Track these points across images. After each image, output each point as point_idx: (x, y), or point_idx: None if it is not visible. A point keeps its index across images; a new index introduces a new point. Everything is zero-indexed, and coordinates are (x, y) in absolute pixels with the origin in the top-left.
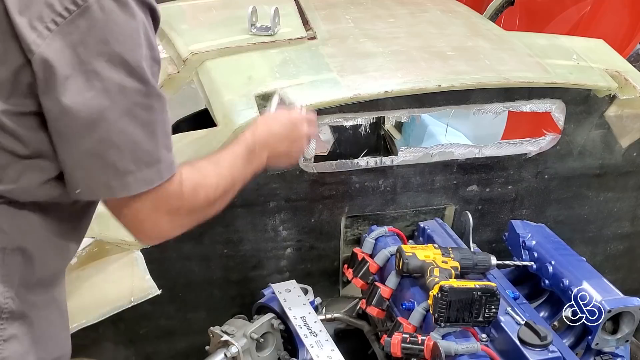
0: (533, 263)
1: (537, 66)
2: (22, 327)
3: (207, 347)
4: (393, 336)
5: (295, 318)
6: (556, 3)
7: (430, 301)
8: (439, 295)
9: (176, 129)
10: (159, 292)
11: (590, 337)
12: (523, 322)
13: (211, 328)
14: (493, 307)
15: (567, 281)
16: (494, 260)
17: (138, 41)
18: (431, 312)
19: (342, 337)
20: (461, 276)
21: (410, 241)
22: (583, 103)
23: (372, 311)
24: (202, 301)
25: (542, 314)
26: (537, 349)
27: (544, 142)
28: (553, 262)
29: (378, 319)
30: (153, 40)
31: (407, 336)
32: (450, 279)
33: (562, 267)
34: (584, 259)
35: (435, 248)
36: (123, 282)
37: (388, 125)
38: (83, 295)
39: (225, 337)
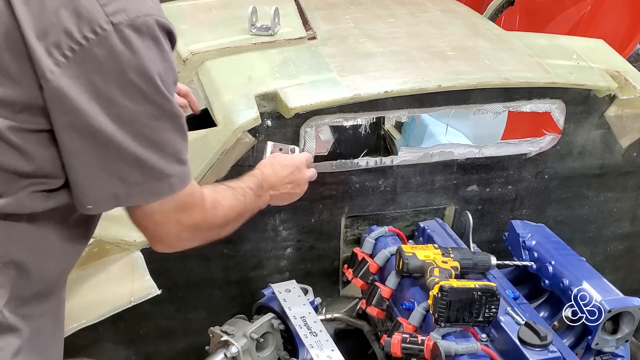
0: (533, 263)
1: (537, 66)
2: (10, 339)
3: (207, 347)
4: (393, 336)
5: (295, 318)
6: (556, 3)
7: (430, 301)
8: (439, 295)
9: None
10: (159, 292)
11: (590, 337)
12: (523, 322)
13: (211, 328)
14: (493, 307)
15: (567, 281)
16: (494, 260)
17: (156, 67)
18: (431, 312)
19: (342, 337)
20: (461, 276)
21: (410, 241)
22: (583, 103)
23: (372, 311)
24: (202, 301)
25: (542, 314)
26: (537, 349)
27: (544, 142)
28: (553, 262)
29: (378, 319)
30: (171, 62)
31: (407, 336)
32: (450, 279)
33: (562, 267)
34: (584, 259)
35: (435, 248)
36: (123, 282)
37: (388, 125)
38: (83, 295)
39: (225, 337)
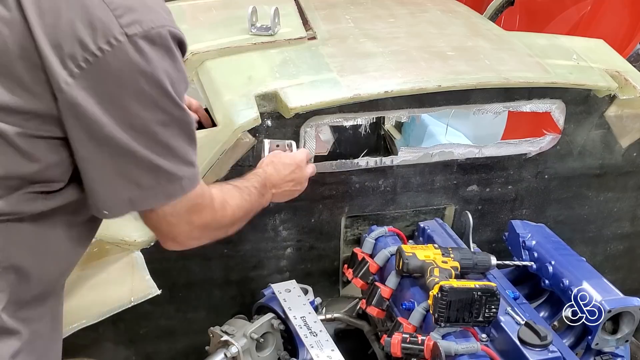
0: (533, 263)
1: (537, 66)
2: (9, 342)
3: (207, 347)
4: (393, 336)
5: (295, 318)
6: (556, 3)
7: (430, 301)
8: (439, 295)
9: None
10: (159, 292)
11: (590, 337)
12: (523, 322)
13: (211, 328)
14: (493, 307)
15: (567, 281)
16: (494, 260)
17: (168, 77)
18: (431, 312)
19: (342, 337)
20: (461, 276)
21: (410, 241)
22: (583, 103)
23: (372, 311)
24: (202, 301)
25: (542, 314)
26: (537, 349)
27: (544, 142)
28: (553, 262)
29: (378, 319)
30: (183, 71)
31: (407, 336)
32: (450, 279)
33: (562, 267)
34: (584, 259)
35: (435, 248)
36: (123, 282)
37: (388, 125)
38: (83, 295)
39: (225, 337)
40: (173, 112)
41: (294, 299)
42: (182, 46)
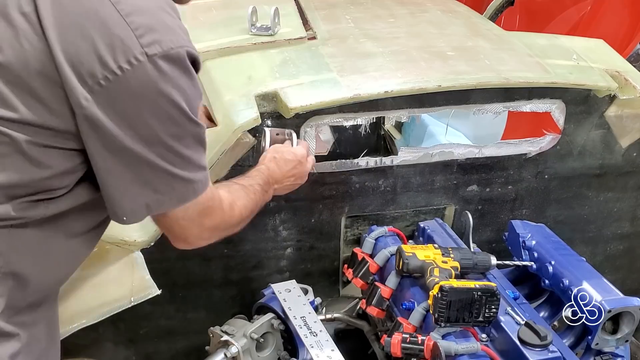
0: (533, 263)
1: (537, 66)
2: (8, 344)
3: (207, 347)
4: (393, 336)
5: (295, 318)
6: (556, 3)
7: (430, 301)
8: (439, 295)
9: None
10: (159, 292)
11: (590, 337)
12: (523, 322)
13: (211, 328)
14: (493, 307)
15: (567, 281)
16: (494, 260)
17: (184, 95)
18: (431, 312)
19: (342, 337)
20: (461, 276)
21: (410, 241)
22: (583, 103)
23: (372, 311)
24: (202, 301)
25: (542, 314)
26: (537, 349)
27: (544, 142)
28: (553, 262)
29: (378, 319)
30: (199, 88)
31: (407, 336)
32: (450, 279)
33: (562, 267)
34: (584, 259)
35: (435, 248)
36: (123, 282)
37: (388, 125)
38: (83, 295)
39: (225, 337)
40: (187, 127)
41: (294, 299)
42: (197, 64)
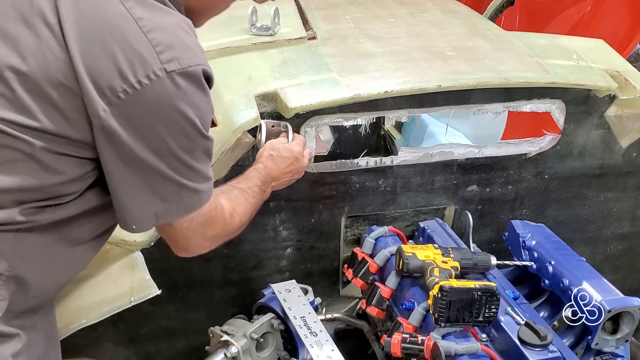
0: (533, 263)
1: (537, 66)
2: (10, 344)
3: (207, 347)
4: (393, 336)
5: (295, 318)
6: (556, 3)
7: (430, 301)
8: (439, 295)
9: None
10: (159, 292)
11: (590, 337)
12: (523, 322)
13: (211, 328)
14: (493, 307)
15: (567, 281)
16: (494, 260)
17: (198, 111)
18: (431, 312)
19: (342, 337)
20: (461, 276)
21: (410, 241)
22: (583, 103)
23: (372, 311)
24: (202, 301)
25: (542, 314)
26: (537, 349)
27: (544, 142)
28: (553, 262)
29: (378, 319)
30: (211, 104)
31: (407, 336)
32: (450, 279)
33: (562, 267)
34: (584, 259)
35: (435, 248)
36: (123, 282)
37: (388, 125)
38: (83, 295)
39: (225, 337)
40: (198, 141)
41: (294, 299)
42: (211, 82)
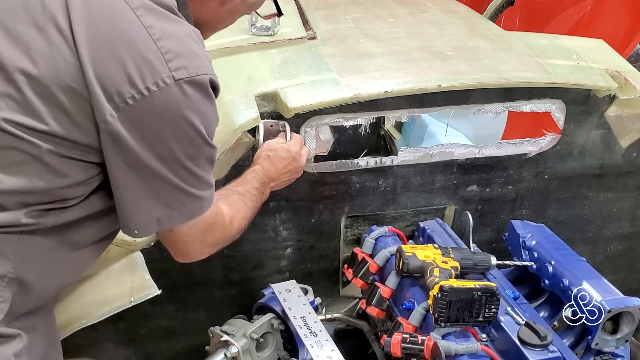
0: (533, 263)
1: (537, 66)
2: (11, 344)
3: (207, 347)
4: (393, 336)
5: (295, 318)
6: (556, 3)
7: (430, 301)
8: (439, 295)
9: None
10: (159, 292)
11: (590, 337)
12: (523, 322)
13: (211, 328)
14: (493, 307)
15: (567, 281)
16: (494, 260)
17: (204, 119)
18: (431, 312)
19: (342, 337)
20: (461, 276)
21: (410, 241)
22: (583, 103)
23: (372, 311)
24: (202, 301)
25: (542, 314)
26: (537, 349)
27: (544, 142)
28: (553, 262)
29: (378, 319)
30: (217, 113)
31: (407, 336)
32: (450, 279)
33: (562, 267)
34: (584, 259)
35: (435, 248)
36: (123, 282)
37: (388, 125)
38: (83, 295)
39: (225, 337)
40: (203, 149)
41: (294, 299)
42: (217, 91)
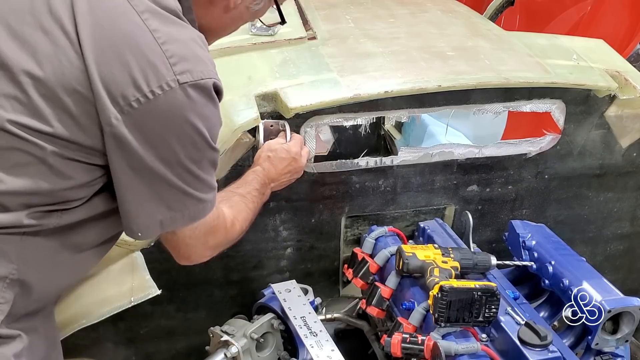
0: (533, 263)
1: (537, 66)
2: (11, 345)
3: (207, 347)
4: (393, 336)
5: (295, 318)
6: (556, 3)
7: (430, 301)
8: (439, 295)
9: None
10: (159, 292)
11: (590, 337)
12: (523, 322)
13: (211, 328)
14: (493, 307)
15: (567, 281)
16: (494, 260)
17: (208, 123)
18: (431, 312)
19: (342, 337)
20: (461, 276)
21: (410, 241)
22: (583, 103)
23: (372, 311)
24: (202, 301)
25: (542, 314)
26: (537, 349)
27: (544, 142)
28: (553, 262)
29: (378, 319)
30: (220, 117)
31: (407, 336)
32: (450, 279)
33: (562, 267)
34: (584, 259)
35: (435, 248)
36: (123, 282)
37: (388, 125)
38: (83, 295)
39: (225, 337)
40: (206, 152)
41: (294, 299)
42: (220, 95)
